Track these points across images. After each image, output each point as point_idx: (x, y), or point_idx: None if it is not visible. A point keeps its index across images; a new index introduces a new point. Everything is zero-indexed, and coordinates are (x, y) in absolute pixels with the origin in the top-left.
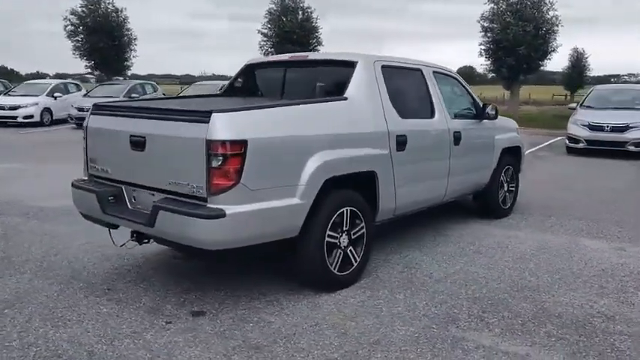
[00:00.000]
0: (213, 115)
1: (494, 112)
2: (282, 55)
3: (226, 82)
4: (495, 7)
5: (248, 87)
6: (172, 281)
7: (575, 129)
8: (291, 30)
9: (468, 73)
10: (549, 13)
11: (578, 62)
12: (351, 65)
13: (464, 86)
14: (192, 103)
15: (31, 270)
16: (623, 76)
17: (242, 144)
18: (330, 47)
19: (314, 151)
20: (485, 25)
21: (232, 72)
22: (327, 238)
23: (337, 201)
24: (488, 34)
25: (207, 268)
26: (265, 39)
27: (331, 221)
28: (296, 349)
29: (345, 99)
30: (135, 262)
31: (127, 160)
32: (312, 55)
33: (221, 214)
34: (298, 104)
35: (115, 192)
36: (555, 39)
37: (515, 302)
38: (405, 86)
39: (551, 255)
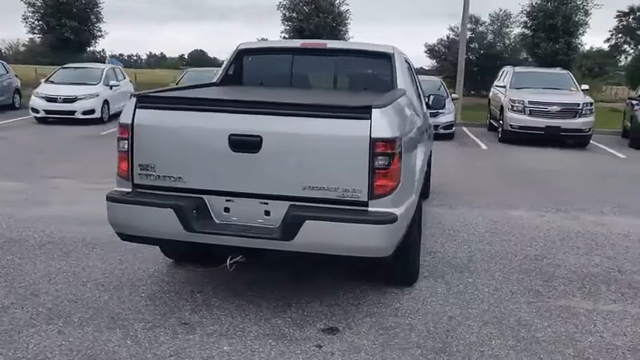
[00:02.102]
0: (374, 110)
1: (441, 103)
2: (285, 40)
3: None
4: None
5: (243, 75)
6: (242, 301)
7: None
8: (68, 1)
9: (200, 57)
10: (341, 7)
11: None
12: (387, 57)
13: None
14: (226, 93)
15: (39, 319)
16: None
17: (399, 141)
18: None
19: (416, 144)
20: (287, 14)
21: None
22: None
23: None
24: (288, 23)
25: (245, 279)
26: (33, 9)
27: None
28: (473, 344)
29: (405, 92)
30: (159, 287)
31: (223, 164)
32: (331, 44)
33: (393, 218)
34: (402, 95)
35: (197, 204)
36: (347, 31)
37: (552, 270)
38: (412, 78)
39: (512, 227)
